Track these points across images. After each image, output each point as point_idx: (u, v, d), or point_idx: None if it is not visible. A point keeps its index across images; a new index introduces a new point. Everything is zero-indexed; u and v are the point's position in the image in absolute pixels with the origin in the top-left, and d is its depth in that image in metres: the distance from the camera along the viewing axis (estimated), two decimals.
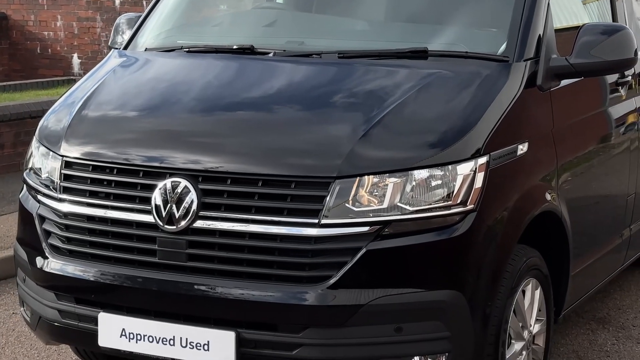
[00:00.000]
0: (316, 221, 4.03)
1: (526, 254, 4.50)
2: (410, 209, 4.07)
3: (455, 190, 4.13)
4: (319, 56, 4.80)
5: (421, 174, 4.10)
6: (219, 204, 4.15)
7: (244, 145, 4.28)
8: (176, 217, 4.17)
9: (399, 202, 4.07)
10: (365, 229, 4.04)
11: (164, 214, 4.19)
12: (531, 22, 4.75)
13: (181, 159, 4.27)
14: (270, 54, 4.88)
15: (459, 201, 4.13)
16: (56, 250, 4.48)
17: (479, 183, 4.17)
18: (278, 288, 4.05)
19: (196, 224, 4.16)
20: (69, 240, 4.46)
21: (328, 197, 4.05)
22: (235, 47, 4.97)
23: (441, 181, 4.12)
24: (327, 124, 4.33)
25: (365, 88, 4.53)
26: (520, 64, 4.62)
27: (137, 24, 5.46)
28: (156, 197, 4.22)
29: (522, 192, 4.45)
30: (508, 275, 4.34)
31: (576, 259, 5.03)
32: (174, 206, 4.17)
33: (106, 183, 4.38)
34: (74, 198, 4.44)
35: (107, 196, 4.36)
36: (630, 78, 5.75)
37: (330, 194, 4.05)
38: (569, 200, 4.88)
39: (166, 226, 4.19)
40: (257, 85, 4.69)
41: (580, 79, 4.99)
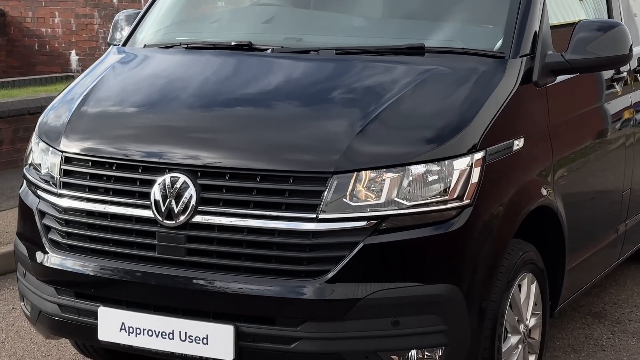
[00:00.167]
0: (314, 216, 4.06)
1: (522, 249, 4.53)
2: (407, 203, 4.10)
3: (452, 185, 4.16)
4: (316, 52, 4.83)
5: (418, 169, 4.12)
6: (217, 199, 4.18)
7: (243, 141, 4.31)
8: (175, 212, 4.20)
9: (396, 197, 4.10)
10: (363, 223, 4.07)
11: (163, 209, 4.22)
12: (527, 18, 4.78)
13: (180, 155, 4.30)
14: (268, 51, 4.91)
15: (455, 196, 4.16)
16: (56, 245, 4.51)
17: (475, 178, 4.20)
18: (276, 282, 4.08)
19: (195, 219, 4.19)
20: (68, 235, 4.48)
21: (326, 192, 4.07)
22: (233, 43, 5.00)
23: (438, 176, 4.14)
24: (325, 119, 4.35)
25: (363, 84, 4.56)
26: (516, 60, 4.65)
27: (135, 20, 5.48)
28: (155, 192, 4.24)
29: (518, 187, 4.48)
30: (504, 270, 4.37)
31: (572, 253, 5.06)
32: (173, 201, 4.20)
33: (106, 178, 4.41)
34: (73, 193, 4.47)
35: (107, 191, 4.39)
36: (625, 74, 5.76)
37: (328, 189, 4.08)
38: (564, 196, 4.90)
39: (165, 221, 4.22)
40: (255, 81, 4.71)
41: (576, 75, 5.01)
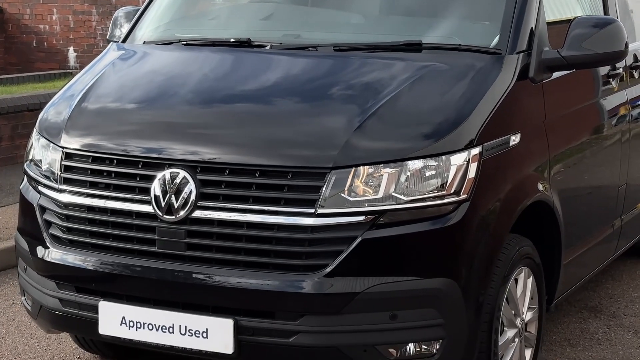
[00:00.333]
0: (312, 211, 4.09)
1: (519, 243, 4.56)
2: (404, 198, 4.14)
3: (449, 180, 4.19)
4: (315, 49, 4.86)
5: (415, 165, 4.16)
6: (217, 194, 4.21)
7: (242, 137, 4.34)
8: (175, 207, 4.23)
9: (393, 192, 4.13)
10: (361, 218, 4.10)
11: (163, 204, 4.25)
12: (523, 15, 4.80)
13: (180, 150, 4.33)
14: (267, 47, 4.93)
15: (452, 191, 4.19)
16: (57, 240, 4.54)
17: (472, 173, 4.23)
18: (275, 276, 4.11)
19: (195, 214, 4.22)
20: (69, 230, 4.51)
21: (324, 187, 4.11)
22: (232, 40, 5.02)
23: (435, 171, 4.18)
24: (323, 115, 4.38)
25: (361, 80, 4.59)
26: (512, 56, 4.68)
27: (135, 17, 5.50)
28: (155, 188, 4.27)
29: (515, 182, 4.51)
30: (501, 264, 4.40)
31: (568, 248, 5.09)
32: (172, 196, 4.23)
33: (106, 174, 4.44)
34: (74, 189, 4.50)
35: (107, 187, 4.42)
36: (621, 70, 5.78)
37: (326, 184, 4.11)
38: (561, 191, 4.93)
39: (165, 216, 4.25)
40: (254, 77, 4.74)
41: (572, 71, 5.04)
